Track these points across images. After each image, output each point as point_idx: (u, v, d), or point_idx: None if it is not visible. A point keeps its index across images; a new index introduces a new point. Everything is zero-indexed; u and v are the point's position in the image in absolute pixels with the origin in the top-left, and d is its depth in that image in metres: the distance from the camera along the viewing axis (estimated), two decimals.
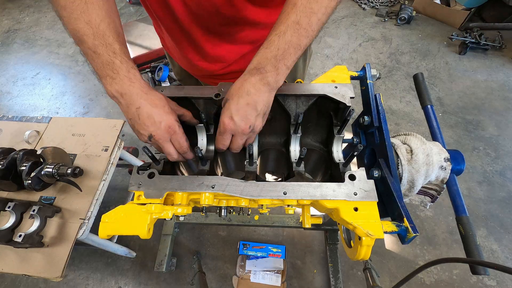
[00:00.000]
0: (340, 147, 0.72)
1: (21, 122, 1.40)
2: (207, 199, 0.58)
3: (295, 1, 0.53)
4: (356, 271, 1.64)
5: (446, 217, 1.79)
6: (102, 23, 0.53)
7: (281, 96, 0.70)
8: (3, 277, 1.68)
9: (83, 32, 0.53)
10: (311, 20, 0.53)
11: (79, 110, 2.54)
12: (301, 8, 0.52)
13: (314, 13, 0.53)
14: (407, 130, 1.59)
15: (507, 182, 1.92)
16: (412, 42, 2.87)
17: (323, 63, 2.75)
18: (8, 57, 3.07)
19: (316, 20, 0.53)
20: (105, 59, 0.53)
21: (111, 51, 0.53)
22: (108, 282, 1.67)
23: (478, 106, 2.35)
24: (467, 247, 0.58)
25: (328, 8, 0.54)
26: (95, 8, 0.52)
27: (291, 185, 0.57)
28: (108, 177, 1.23)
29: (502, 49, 2.71)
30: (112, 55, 0.53)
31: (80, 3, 0.52)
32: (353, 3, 3.34)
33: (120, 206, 0.57)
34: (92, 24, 0.52)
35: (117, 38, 0.55)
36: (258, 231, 1.81)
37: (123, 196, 1.96)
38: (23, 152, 1.05)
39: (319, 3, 0.52)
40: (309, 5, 0.52)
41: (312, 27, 0.54)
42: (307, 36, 0.54)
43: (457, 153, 0.68)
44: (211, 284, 1.65)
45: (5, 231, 1.01)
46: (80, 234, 1.08)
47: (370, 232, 0.52)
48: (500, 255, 1.66)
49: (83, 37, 0.53)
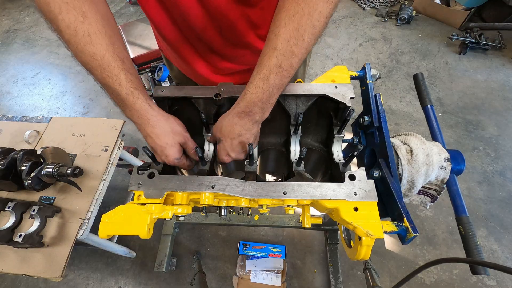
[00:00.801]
0: (340, 147, 0.72)
1: (21, 122, 1.40)
2: (207, 199, 0.58)
3: (275, 45, 0.52)
4: (356, 271, 1.64)
5: (446, 217, 1.79)
6: (106, 54, 0.54)
7: (281, 96, 0.70)
8: (3, 277, 1.68)
9: (91, 66, 0.54)
10: (292, 62, 0.53)
11: (79, 110, 2.54)
12: (282, 52, 0.52)
13: (295, 55, 0.52)
14: (407, 130, 1.59)
15: (507, 182, 1.92)
16: (412, 42, 2.87)
17: (323, 63, 2.75)
18: (8, 57, 3.07)
19: (297, 61, 0.53)
20: (114, 91, 0.57)
21: (117, 83, 0.55)
22: (108, 282, 1.67)
23: (478, 106, 2.35)
24: (467, 247, 0.58)
25: (309, 48, 0.53)
26: (99, 38, 0.53)
27: (291, 185, 0.57)
28: (108, 177, 1.23)
29: (502, 49, 2.71)
30: (119, 87, 0.56)
31: (83, 35, 0.52)
32: (353, 3, 3.34)
33: (120, 206, 0.57)
34: (97, 56, 0.53)
35: (122, 66, 0.56)
36: (258, 231, 1.81)
37: (123, 196, 1.96)
38: (23, 152, 1.05)
39: (299, 46, 0.52)
40: (289, 49, 0.52)
41: (294, 67, 0.54)
42: (288, 76, 0.55)
43: (457, 153, 0.68)
44: (211, 284, 1.65)
45: (5, 231, 1.01)
46: (80, 234, 1.08)
47: (370, 232, 0.52)
48: (500, 255, 1.66)
49: (91, 70, 0.55)
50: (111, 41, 0.55)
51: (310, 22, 0.50)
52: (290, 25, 0.51)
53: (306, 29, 0.51)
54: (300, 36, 0.51)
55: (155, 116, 0.60)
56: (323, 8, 0.50)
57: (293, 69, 0.54)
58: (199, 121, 0.69)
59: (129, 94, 0.57)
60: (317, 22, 0.51)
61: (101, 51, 0.53)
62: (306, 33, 0.51)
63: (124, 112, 0.61)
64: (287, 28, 0.51)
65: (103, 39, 0.53)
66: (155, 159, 0.66)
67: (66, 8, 0.49)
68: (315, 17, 0.50)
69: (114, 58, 0.55)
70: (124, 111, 0.60)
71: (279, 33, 0.52)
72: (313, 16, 0.50)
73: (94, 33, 0.52)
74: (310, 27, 0.51)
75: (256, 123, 0.60)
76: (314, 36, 0.52)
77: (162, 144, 0.61)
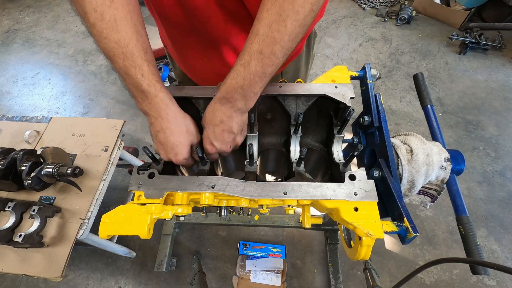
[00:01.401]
0: (340, 147, 0.72)
1: (21, 122, 1.40)
2: (207, 199, 0.58)
3: (257, 30, 0.51)
4: (356, 271, 1.64)
5: (446, 217, 1.79)
6: (131, 42, 0.53)
7: (281, 96, 0.70)
8: (3, 277, 1.68)
9: (114, 53, 0.53)
10: (274, 49, 0.51)
11: (79, 110, 2.54)
12: (263, 38, 0.51)
13: (276, 42, 0.50)
14: (407, 130, 1.59)
15: (507, 182, 1.92)
16: (412, 42, 2.87)
17: (323, 63, 2.75)
18: (8, 57, 3.07)
19: (279, 49, 0.51)
20: (135, 81, 0.55)
21: (140, 74, 0.54)
22: (108, 282, 1.67)
23: (478, 106, 2.35)
24: (467, 247, 0.58)
25: (293, 35, 0.51)
26: (124, 25, 0.52)
27: (291, 185, 0.57)
28: (108, 177, 1.23)
29: (502, 49, 2.71)
30: (141, 78, 0.54)
31: (109, 20, 0.51)
32: (353, 3, 3.34)
33: (120, 206, 0.57)
34: (121, 43, 0.52)
35: (145, 56, 0.55)
36: (258, 231, 1.81)
37: (123, 196, 1.96)
38: (23, 152, 1.05)
39: (281, 32, 0.50)
40: (271, 34, 0.50)
41: (276, 55, 0.52)
42: (271, 65, 0.53)
43: (457, 153, 0.68)
44: (211, 284, 1.65)
45: (5, 231, 1.01)
46: (80, 234, 1.08)
47: (370, 232, 0.52)
48: (500, 255, 1.66)
49: (114, 58, 0.54)
50: (136, 29, 0.54)
51: (293, 7, 0.48)
52: (273, 9, 0.49)
53: (288, 15, 0.49)
54: (282, 22, 0.49)
55: (174, 111, 0.59)
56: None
57: (276, 57, 0.52)
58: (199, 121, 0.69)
59: (151, 86, 0.55)
60: (300, 8, 0.48)
61: (125, 39, 0.52)
62: (288, 18, 0.49)
63: (140, 104, 0.59)
64: (269, 13, 0.49)
65: (128, 26, 0.52)
66: (155, 159, 0.66)
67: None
68: (299, 2, 0.48)
69: (138, 47, 0.54)
70: (141, 103, 0.58)
71: (261, 17, 0.50)
72: (296, 1, 0.48)
73: (121, 19, 0.51)
74: (293, 13, 0.48)
75: (239, 111, 0.58)
76: (298, 23, 0.50)
77: (175, 142, 0.60)
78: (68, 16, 3.48)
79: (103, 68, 2.85)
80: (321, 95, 0.69)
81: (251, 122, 0.67)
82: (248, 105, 0.58)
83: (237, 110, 0.58)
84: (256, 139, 0.71)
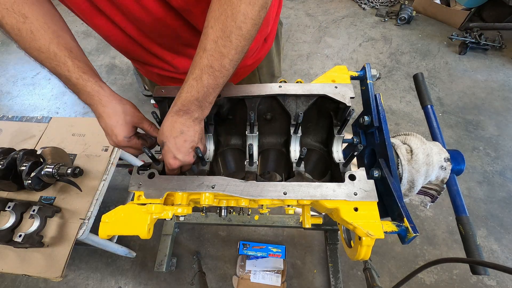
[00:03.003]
0: (340, 147, 0.72)
1: (21, 122, 1.40)
2: (207, 199, 0.58)
3: (205, 45, 0.53)
4: (356, 271, 1.64)
5: (446, 217, 1.79)
6: (51, 46, 0.56)
7: (281, 96, 0.70)
8: (3, 277, 1.68)
9: (40, 59, 0.58)
10: (223, 63, 0.53)
11: (79, 110, 2.54)
12: (211, 53, 0.52)
13: (225, 56, 0.53)
14: (407, 130, 1.59)
15: (507, 182, 1.92)
16: (412, 42, 2.87)
17: (323, 63, 2.75)
18: (8, 57, 3.07)
19: (228, 62, 0.54)
20: (65, 78, 0.60)
21: (66, 70, 0.58)
22: (108, 282, 1.67)
23: (478, 106, 2.35)
24: (467, 247, 0.58)
25: (239, 49, 0.53)
26: (42, 34, 0.55)
27: (291, 185, 0.57)
28: (108, 177, 1.23)
29: (502, 49, 2.71)
30: (68, 74, 0.58)
31: (26, 33, 0.55)
32: (353, 3, 3.34)
33: (120, 206, 0.57)
34: (43, 49, 0.56)
35: (69, 54, 0.58)
36: (258, 231, 1.81)
37: (123, 196, 1.96)
38: (23, 152, 1.05)
39: (228, 47, 0.52)
40: (218, 49, 0.52)
41: (226, 68, 0.54)
42: (222, 76, 0.55)
43: (457, 153, 0.68)
44: (211, 284, 1.65)
45: (5, 231, 1.01)
46: (80, 234, 1.08)
47: (370, 232, 0.52)
48: (500, 255, 1.66)
49: (42, 63, 0.59)
50: (56, 34, 0.57)
51: (235, 24, 0.50)
52: (217, 26, 0.51)
53: (232, 31, 0.51)
54: (226, 38, 0.51)
55: (106, 96, 0.62)
56: (246, 10, 0.50)
57: (226, 69, 0.54)
58: None
59: (78, 78, 0.59)
60: (242, 24, 0.50)
61: (45, 45, 0.56)
62: (232, 34, 0.51)
63: (80, 98, 0.63)
64: (214, 29, 0.51)
65: (46, 33, 0.56)
66: (155, 159, 0.66)
67: (7, 13, 0.53)
68: (240, 19, 0.50)
69: (60, 48, 0.57)
70: (79, 97, 0.63)
71: (207, 33, 0.52)
72: (237, 17, 0.50)
73: (37, 30, 0.55)
74: (236, 29, 0.51)
75: (197, 120, 0.60)
76: (242, 37, 0.52)
77: (112, 123, 0.63)
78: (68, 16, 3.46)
79: (103, 68, 2.85)
80: (321, 95, 0.69)
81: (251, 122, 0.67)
82: (204, 114, 0.61)
83: (195, 119, 0.60)
84: (256, 139, 0.71)
